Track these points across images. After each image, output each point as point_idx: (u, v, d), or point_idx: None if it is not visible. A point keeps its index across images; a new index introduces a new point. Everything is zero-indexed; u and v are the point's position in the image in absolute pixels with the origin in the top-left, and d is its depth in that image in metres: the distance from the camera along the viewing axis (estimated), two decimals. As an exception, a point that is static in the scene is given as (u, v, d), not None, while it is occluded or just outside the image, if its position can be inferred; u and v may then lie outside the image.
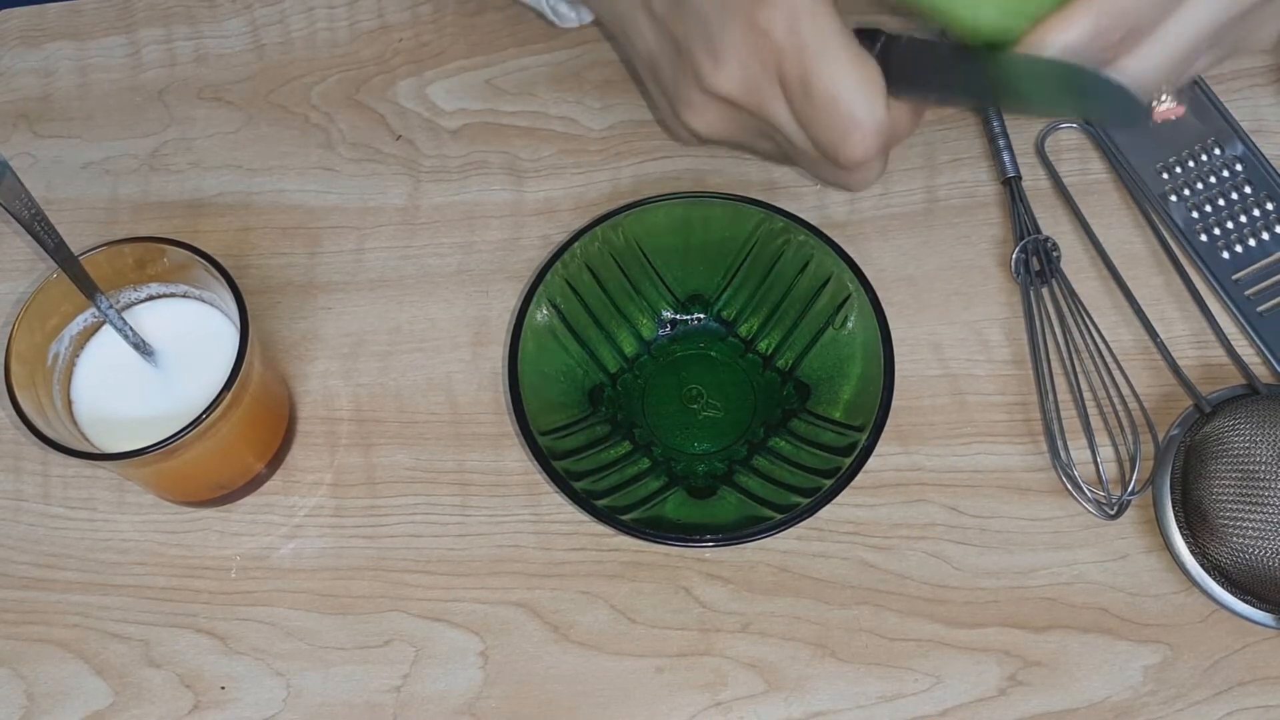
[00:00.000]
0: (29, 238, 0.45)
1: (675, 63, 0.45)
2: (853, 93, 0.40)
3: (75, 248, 0.46)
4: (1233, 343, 0.53)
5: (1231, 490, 0.48)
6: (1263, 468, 0.48)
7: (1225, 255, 0.55)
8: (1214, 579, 0.49)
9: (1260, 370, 0.53)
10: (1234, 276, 0.55)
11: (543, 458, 0.46)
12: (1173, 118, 0.55)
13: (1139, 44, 0.40)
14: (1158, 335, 0.53)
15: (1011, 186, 0.56)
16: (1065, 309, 0.53)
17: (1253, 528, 0.47)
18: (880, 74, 0.41)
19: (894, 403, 0.47)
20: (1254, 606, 0.48)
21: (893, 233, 0.56)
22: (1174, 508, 0.50)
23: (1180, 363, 0.52)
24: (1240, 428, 0.49)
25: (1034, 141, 0.58)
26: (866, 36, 0.42)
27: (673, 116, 0.47)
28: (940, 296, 0.55)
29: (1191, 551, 0.49)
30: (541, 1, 0.54)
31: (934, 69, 0.41)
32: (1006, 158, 0.57)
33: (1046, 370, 0.52)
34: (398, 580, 0.51)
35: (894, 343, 0.48)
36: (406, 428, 0.53)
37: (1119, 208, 0.56)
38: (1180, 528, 0.50)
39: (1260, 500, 0.47)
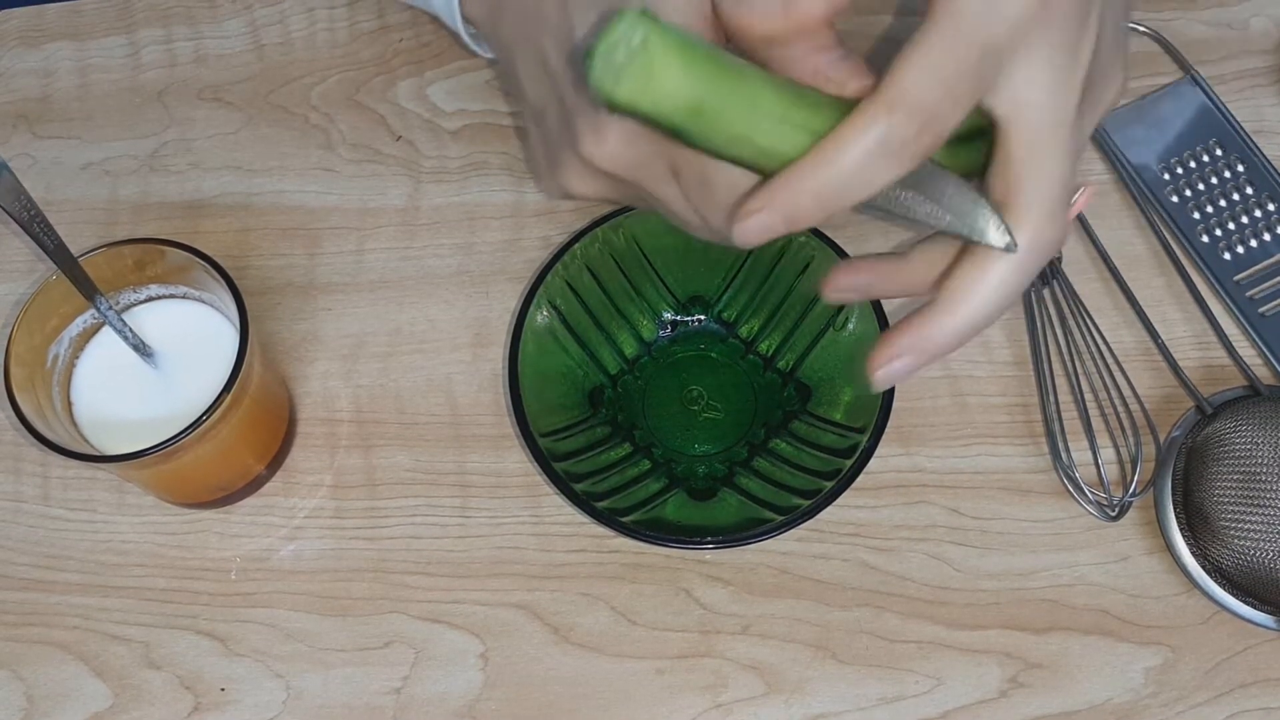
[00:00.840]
0: (28, 239, 0.45)
1: (559, 123, 0.41)
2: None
3: (74, 249, 0.46)
4: (1234, 344, 0.53)
5: (1233, 492, 0.48)
6: (1264, 469, 0.48)
7: (1227, 256, 0.55)
8: (1215, 581, 0.49)
9: (1262, 371, 0.53)
10: (1235, 278, 0.55)
11: (543, 459, 0.46)
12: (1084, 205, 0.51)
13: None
14: (1159, 336, 0.53)
15: (1012, 187, 0.56)
16: (1066, 310, 0.53)
17: (1254, 529, 0.47)
18: None
19: (895, 404, 0.47)
20: (1255, 609, 0.48)
21: (894, 233, 0.56)
22: (1175, 509, 0.50)
23: (1181, 364, 0.52)
24: (1242, 429, 0.49)
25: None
26: None
27: (548, 172, 0.43)
28: (941, 297, 0.55)
29: (1193, 553, 0.49)
30: (458, 27, 0.51)
31: None
32: (1007, 158, 0.56)
33: (1047, 371, 0.52)
34: (398, 582, 0.51)
35: (895, 344, 0.47)
36: (406, 429, 0.53)
37: (1120, 209, 0.56)
38: (1181, 529, 0.50)
39: (1261, 502, 0.47)
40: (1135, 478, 0.50)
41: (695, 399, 0.53)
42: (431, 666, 0.49)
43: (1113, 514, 0.50)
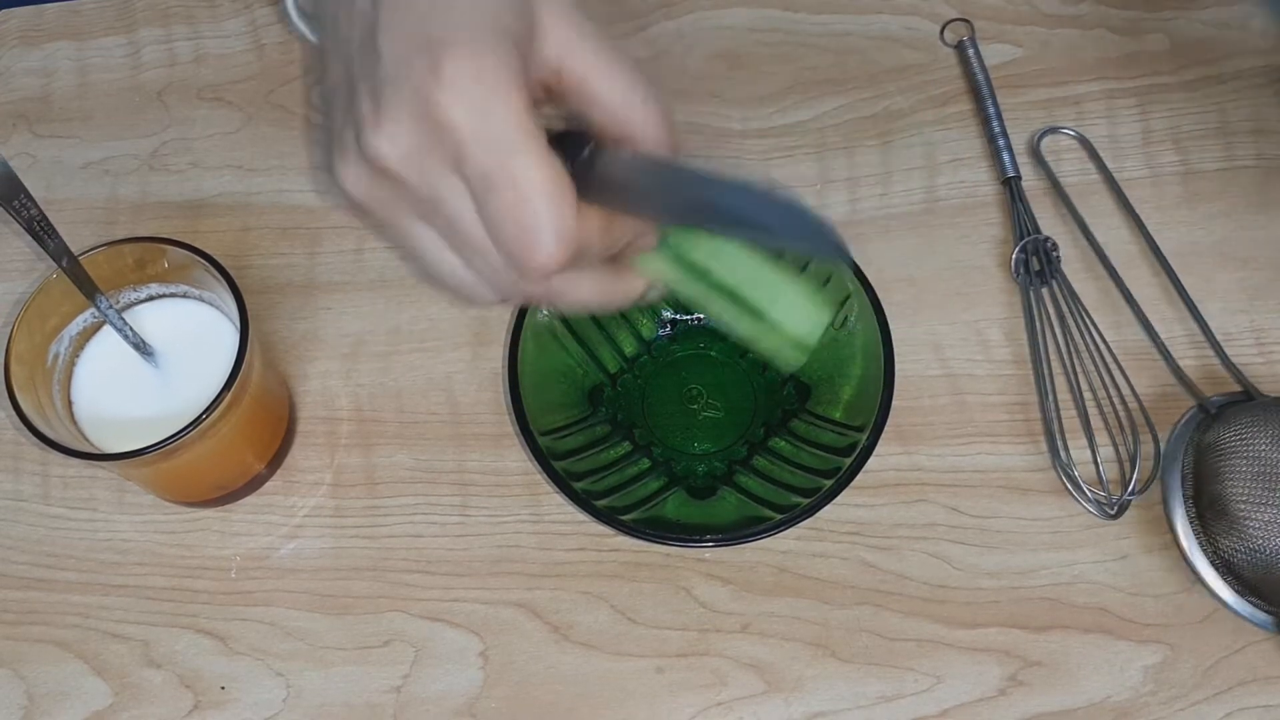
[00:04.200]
0: (29, 238, 0.45)
1: (345, 105, 0.38)
2: (546, 199, 0.35)
3: (75, 248, 0.46)
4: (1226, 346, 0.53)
5: (1248, 486, 0.47)
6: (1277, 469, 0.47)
7: (1225, 255, 0.55)
8: (1222, 576, 0.48)
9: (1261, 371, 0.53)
10: (1234, 276, 0.55)
11: (543, 458, 0.46)
12: None
13: None
14: (1158, 336, 0.53)
15: (1011, 187, 0.56)
16: (1065, 309, 0.53)
17: (1273, 522, 0.46)
18: (569, 183, 0.36)
19: (894, 403, 0.47)
20: (1256, 608, 0.48)
21: (893, 233, 0.56)
22: (1185, 504, 0.50)
23: (1180, 363, 0.52)
24: (1258, 425, 0.48)
25: (1034, 142, 0.58)
26: (572, 140, 0.37)
27: (325, 162, 0.40)
28: (940, 297, 0.55)
29: (1202, 548, 0.49)
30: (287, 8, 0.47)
31: (646, 189, 0.37)
32: (1006, 158, 0.57)
33: (1046, 370, 0.52)
34: (398, 580, 0.51)
35: (894, 343, 0.48)
36: (406, 428, 0.53)
37: (1118, 208, 0.56)
38: (1191, 523, 0.49)
39: (1276, 503, 0.47)
40: (1134, 476, 0.50)
41: (695, 397, 0.53)
42: (431, 665, 0.49)
43: (1112, 512, 0.50)
